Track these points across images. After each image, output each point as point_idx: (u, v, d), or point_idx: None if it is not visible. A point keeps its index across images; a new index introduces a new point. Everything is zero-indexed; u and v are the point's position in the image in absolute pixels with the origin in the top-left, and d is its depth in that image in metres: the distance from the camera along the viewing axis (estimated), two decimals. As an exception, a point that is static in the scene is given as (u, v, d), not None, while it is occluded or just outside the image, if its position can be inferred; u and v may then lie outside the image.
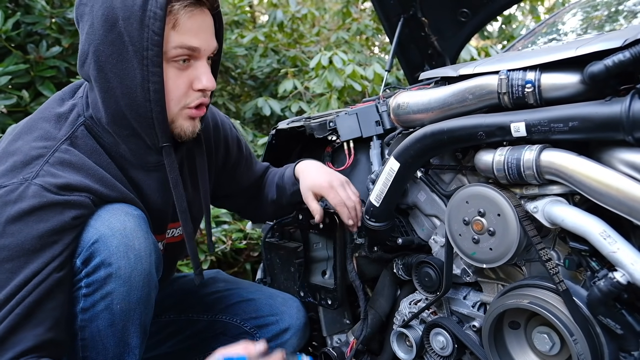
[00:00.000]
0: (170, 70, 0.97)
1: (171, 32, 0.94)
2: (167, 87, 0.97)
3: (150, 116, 0.97)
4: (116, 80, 0.95)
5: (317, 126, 1.51)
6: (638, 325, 0.80)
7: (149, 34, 0.91)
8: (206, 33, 1.00)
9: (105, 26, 0.93)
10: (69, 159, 0.96)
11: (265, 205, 1.44)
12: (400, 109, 1.13)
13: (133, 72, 0.93)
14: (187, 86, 1.00)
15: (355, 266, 1.30)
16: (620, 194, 0.76)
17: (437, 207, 1.18)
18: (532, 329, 0.96)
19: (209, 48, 1.01)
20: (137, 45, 0.92)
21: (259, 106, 3.94)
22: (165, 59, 0.95)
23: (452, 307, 1.15)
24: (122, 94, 0.95)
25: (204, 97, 1.03)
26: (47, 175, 0.91)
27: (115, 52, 0.93)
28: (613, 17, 2.12)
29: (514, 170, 0.88)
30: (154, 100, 0.95)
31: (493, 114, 0.91)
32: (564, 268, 0.92)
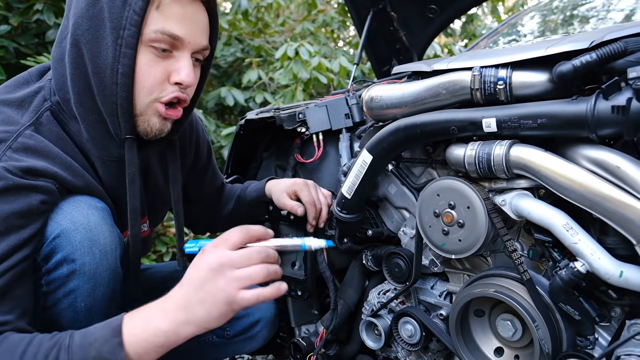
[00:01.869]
0: (145, 55, 0.90)
1: (154, 12, 0.88)
2: (139, 73, 0.90)
3: (115, 101, 0.90)
4: (88, 56, 0.89)
5: (287, 117, 1.51)
6: (594, 311, 0.85)
7: (129, 12, 0.86)
8: (194, 25, 0.93)
9: (88, 2, 0.88)
10: (33, 144, 0.89)
11: (221, 217, 1.44)
12: (374, 102, 1.14)
13: (106, 50, 0.88)
14: (162, 77, 0.92)
15: (325, 257, 1.31)
16: (583, 189, 0.80)
17: (407, 200, 1.20)
18: (495, 317, 1.01)
19: (194, 42, 0.93)
20: (115, 23, 0.87)
21: (222, 96, 3.87)
22: (143, 42, 0.89)
23: (420, 297, 1.19)
24: (92, 72, 0.89)
25: (180, 92, 0.95)
26: (11, 160, 0.86)
27: (93, 27, 0.88)
28: (568, 21, 2.23)
29: (484, 165, 0.91)
30: (121, 84, 0.89)
31: (465, 110, 0.94)
32: (527, 258, 0.97)
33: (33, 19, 2.90)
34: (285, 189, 1.28)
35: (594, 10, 2.14)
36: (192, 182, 1.35)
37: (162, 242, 3.23)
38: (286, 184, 1.30)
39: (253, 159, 1.79)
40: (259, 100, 3.88)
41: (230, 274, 0.80)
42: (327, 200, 1.28)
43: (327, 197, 1.29)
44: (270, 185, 1.35)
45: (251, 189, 1.40)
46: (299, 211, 1.25)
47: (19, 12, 2.87)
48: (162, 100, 0.95)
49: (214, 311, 0.81)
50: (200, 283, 0.81)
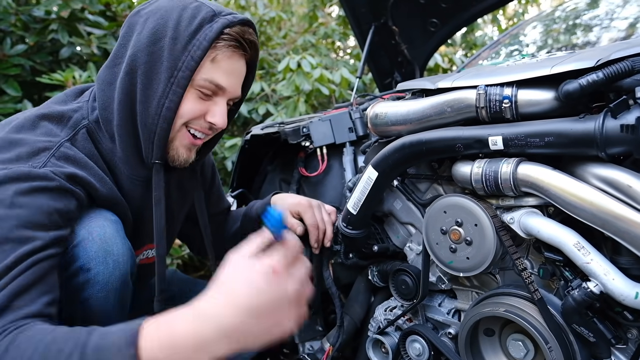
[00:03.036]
0: (191, 95, 1.00)
1: (208, 64, 0.99)
2: (182, 108, 1.00)
3: (154, 130, 1.00)
4: (140, 87, 0.98)
5: (291, 132, 1.51)
6: (609, 333, 0.84)
7: (187, 58, 0.97)
8: (236, 78, 1.06)
9: (151, 38, 0.98)
10: (72, 155, 0.97)
11: (226, 240, 1.43)
12: (378, 119, 1.14)
13: (157, 85, 0.98)
14: (201, 113, 1.03)
15: (331, 273, 1.30)
16: (594, 207, 0.79)
17: (412, 215, 1.20)
18: (506, 336, 0.99)
19: (233, 92, 1.06)
20: (172, 64, 0.97)
21: (225, 108, 3.89)
22: (192, 85, 0.99)
23: (428, 314, 1.17)
24: (140, 100, 0.99)
25: (209, 130, 1.07)
26: (55, 166, 0.93)
27: (150, 62, 0.98)
28: (571, 31, 2.23)
29: (491, 182, 0.91)
30: (163, 116, 0.98)
31: (471, 127, 0.94)
32: (538, 277, 0.95)
33: (48, 38, 3.00)
34: (288, 207, 1.29)
35: (597, 19, 2.15)
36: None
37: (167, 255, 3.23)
38: (291, 202, 1.30)
39: (258, 173, 1.79)
40: (262, 111, 3.89)
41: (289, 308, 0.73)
42: (331, 218, 1.28)
43: (332, 214, 1.29)
44: (275, 199, 1.36)
45: (257, 205, 1.40)
46: (298, 230, 1.25)
47: (35, 32, 2.95)
48: (192, 126, 1.05)
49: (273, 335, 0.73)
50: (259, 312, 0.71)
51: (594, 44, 1.91)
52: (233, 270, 0.73)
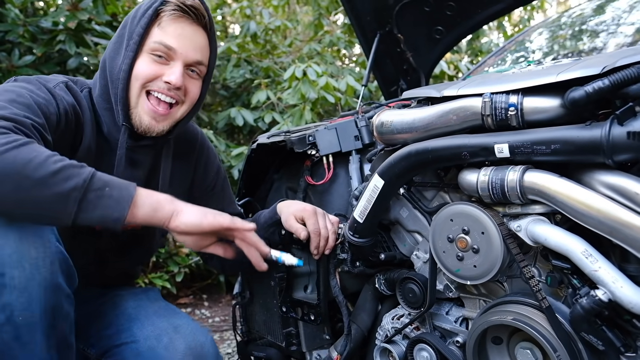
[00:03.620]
0: (145, 57, 1.15)
1: (156, 29, 1.15)
2: (137, 69, 1.15)
3: (116, 93, 1.15)
4: (108, 61, 1.18)
5: (297, 140, 1.52)
6: (618, 341, 0.83)
7: (136, 27, 1.14)
8: (186, 40, 1.17)
9: (122, 26, 1.19)
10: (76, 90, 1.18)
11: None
12: (384, 127, 1.14)
13: (119, 56, 1.16)
14: (155, 73, 1.15)
15: (338, 281, 1.30)
16: (601, 215, 0.79)
17: (419, 224, 1.19)
18: (514, 345, 0.99)
19: (185, 53, 1.17)
20: (127, 36, 1.15)
21: (232, 116, 3.91)
22: (145, 50, 1.15)
23: (435, 323, 1.17)
24: (109, 71, 1.17)
25: (169, 91, 1.17)
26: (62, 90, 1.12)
27: (116, 42, 1.18)
28: (577, 36, 2.23)
29: (498, 190, 0.91)
30: (121, 79, 1.14)
31: (477, 135, 0.94)
32: (545, 285, 0.95)
33: (56, 49, 3.06)
34: (293, 212, 1.30)
35: (603, 24, 2.14)
36: (202, 196, 1.40)
37: (175, 263, 3.24)
38: (296, 208, 1.31)
39: (264, 181, 1.79)
40: (268, 120, 3.91)
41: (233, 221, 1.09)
42: (334, 227, 1.29)
43: (335, 224, 1.29)
44: (281, 206, 1.37)
45: (264, 213, 1.41)
46: (302, 235, 1.25)
47: (43, 43, 3.00)
48: (150, 91, 1.16)
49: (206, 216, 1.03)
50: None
51: (600, 49, 1.91)
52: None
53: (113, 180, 0.94)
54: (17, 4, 2.98)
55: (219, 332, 2.86)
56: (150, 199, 0.98)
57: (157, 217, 0.99)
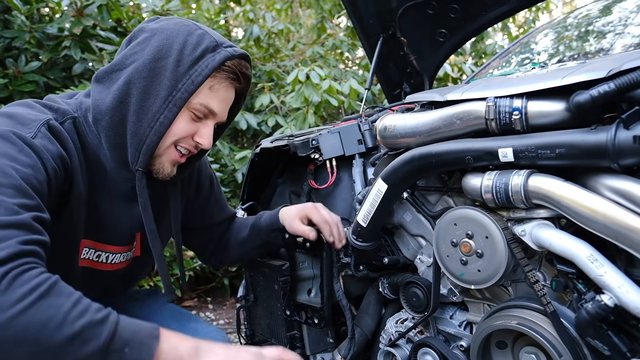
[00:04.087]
0: (185, 116, 1.06)
1: (206, 90, 1.06)
2: (175, 126, 1.05)
3: (144, 140, 1.04)
4: (136, 98, 1.03)
5: (300, 144, 1.52)
6: (624, 346, 0.82)
7: (187, 81, 1.03)
8: (227, 105, 1.13)
9: (155, 56, 1.03)
10: (60, 131, 1.00)
11: (232, 247, 1.45)
12: (387, 132, 1.14)
13: (154, 100, 1.03)
14: (190, 134, 1.09)
15: (342, 285, 1.29)
16: (607, 219, 0.78)
17: (423, 228, 1.19)
18: (519, 349, 0.98)
19: (222, 117, 1.13)
20: (172, 83, 1.02)
21: (235, 120, 3.92)
22: (188, 107, 1.05)
23: (439, 327, 1.16)
24: (134, 110, 1.03)
25: (194, 149, 1.12)
26: (45, 137, 0.95)
27: (150, 77, 1.03)
28: (583, 38, 2.21)
29: (502, 195, 0.90)
30: (156, 130, 1.03)
31: (481, 139, 0.94)
32: (551, 289, 0.94)
33: (61, 55, 3.07)
34: (296, 215, 1.30)
35: (610, 25, 2.12)
36: (195, 213, 1.39)
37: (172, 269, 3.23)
38: (296, 210, 1.32)
39: (268, 185, 1.80)
40: (271, 123, 3.92)
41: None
42: (338, 217, 1.30)
43: (335, 217, 1.31)
44: (283, 212, 1.37)
45: (265, 216, 1.41)
46: (312, 235, 1.26)
47: (49, 49, 3.02)
48: (180, 144, 1.10)
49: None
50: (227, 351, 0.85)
51: (607, 51, 1.89)
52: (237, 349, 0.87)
53: (135, 338, 0.81)
54: (23, 11, 3.00)
55: (223, 335, 2.86)
56: (169, 354, 0.82)
57: None
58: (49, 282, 0.77)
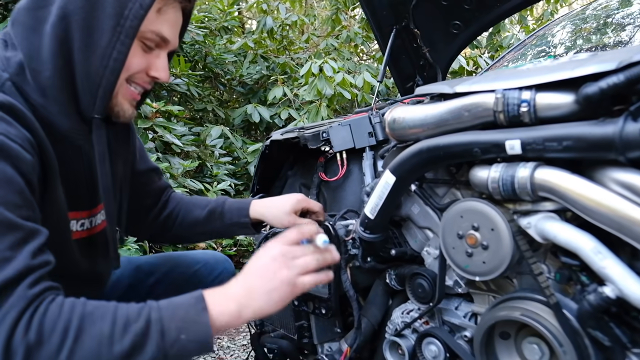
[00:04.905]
0: (136, 47, 0.95)
1: (154, 14, 0.94)
2: (128, 62, 0.94)
3: (99, 82, 0.92)
4: (78, 34, 0.88)
5: (311, 137, 1.53)
6: (625, 337, 0.83)
7: (135, 6, 0.89)
8: (177, 29, 1.03)
9: None
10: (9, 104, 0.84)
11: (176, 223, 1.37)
12: (396, 124, 1.15)
13: (101, 33, 0.89)
14: (144, 68, 0.99)
15: (349, 276, 1.31)
16: (612, 212, 0.78)
17: (430, 220, 1.20)
18: (522, 340, 0.99)
19: (174, 44, 1.03)
20: (117, 10, 0.88)
21: (248, 113, 3.95)
22: (138, 36, 0.94)
23: (444, 317, 1.17)
24: (78, 49, 0.89)
25: (149, 84, 1.03)
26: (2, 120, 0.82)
27: (88, 5, 0.88)
28: (602, 30, 2.17)
29: (508, 187, 0.91)
30: (111, 68, 0.91)
31: (489, 131, 0.94)
32: (555, 281, 0.95)
33: None
34: (291, 209, 1.28)
35: (629, 17, 2.08)
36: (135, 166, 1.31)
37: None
38: (288, 205, 1.29)
39: (278, 177, 1.81)
40: (284, 116, 3.94)
41: (290, 262, 0.89)
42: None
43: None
44: (259, 207, 1.33)
45: (230, 206, 1.35)
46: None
47: None
48: (135, 81, 1.00)
49: (275, 295, 0.86)
50: (263, 271, 0.88)
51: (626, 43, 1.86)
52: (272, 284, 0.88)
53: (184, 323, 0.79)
54: None
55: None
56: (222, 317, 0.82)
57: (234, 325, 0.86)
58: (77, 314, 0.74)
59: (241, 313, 0.84)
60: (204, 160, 3.38)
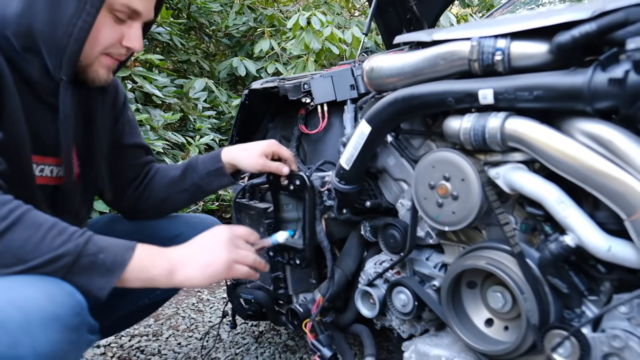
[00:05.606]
0: (106, 19, 0.98)
1: None
2: (98, 34, 0.97)
3: (64, 50, 0.95)
4: (44, 2, 0.93)
5: (292, 88, 1.50)
6: (583, 285, 0.85)
7: None
8: (150, 2, 1.05)
9: None
10: None
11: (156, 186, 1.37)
12: (374, 73, 1.13)
13: (67, 2, 0.93)
14: (117, 39, 1.02)
15: (324, 227, 1.32)
16: (576, 162, 0.79)
17: (405, 172, 1.20)
18: (487, 289, 1.01)
19: (147, 16, 1.05)
20: None
21: (234, 66, 3.85)
22: (107, 7, 0.96)
23: (415, 268, 1.20)
24: (45, 16, 0.93)
25: (125, 55, 1.07)
26: None
27: None
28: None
29: (479, 137, 0.91)
30: (75, 38, 0.95)
31: (463, 81, 0.93)
32: (521, 232, 0.96)
33: None
34: (262, 152, 1.29)
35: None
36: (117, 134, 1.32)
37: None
38: (259, 148, 1.30)
39: (258, 129, 1.79)
40: (271, 70, 3.85)
41: (233, 248, 0.98)
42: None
43: None
44: (230, 152, 1.33)
45: (202, 157, 1.36)
46: (285, 170, 1.27)
47: None
48: (108, 54, 1.03)
49: (209, 270, 0.94)
50: (207, 246, 0.96)
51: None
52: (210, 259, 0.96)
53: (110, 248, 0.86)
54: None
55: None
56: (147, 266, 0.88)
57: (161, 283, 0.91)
58: (21, 209, 0.81)
59: (172, 274, 0.90)
60: (187, 114, 3.33)
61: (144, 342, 1.80)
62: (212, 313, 2.10)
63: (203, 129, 3.30)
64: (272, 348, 1.73)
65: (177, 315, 2.07)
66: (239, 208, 1.58)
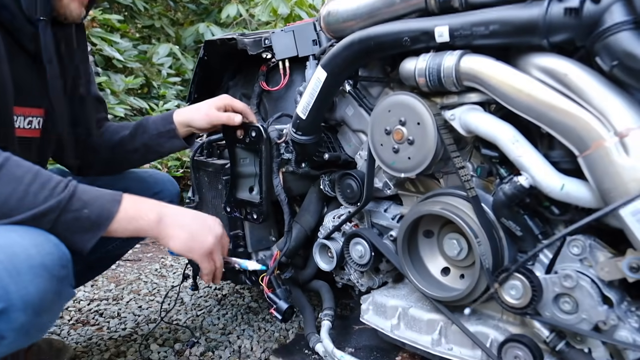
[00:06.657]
0: None
1: None
2: None
3: None
4: None
5: (251, 42, 1.44)
6: (537, 228, 0.84)
7: None
8: None
9: None
10: None
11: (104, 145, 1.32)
12: (330, 16, 1.08)
13: None
14: None
15: (281, 181, 1.28)
16: (529, 99, 0.77)
17: (364, 122, 1.17)
18: (443, 237, 1.00)
19: None
20: None
21: (201, 32, 3.71)
22: None
23: (373, 220, 1.18)
24: None
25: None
26: None
27: None
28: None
29: (434, 77, 0.87)
30: None
31: (418, 19, 0.89)
32: (477, 178, 0.95)
33: None
34: (213, 106, 1.24)
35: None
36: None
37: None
38: (210, 103, 1.26)
39: (219, 88, 1.73)
40: (238, 37, 3.74)
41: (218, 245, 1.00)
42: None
43: None
44: (183, 113, 1.28)
45: (156, 119, 1.31)
46: (237, 119, 1.21)
47: None
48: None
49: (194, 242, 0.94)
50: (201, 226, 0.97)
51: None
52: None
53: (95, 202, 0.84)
54: None
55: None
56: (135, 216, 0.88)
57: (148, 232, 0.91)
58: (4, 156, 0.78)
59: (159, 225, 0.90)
60: (150, 79, 3.20)
61: (103, 306, 1.75)
62: (175, 278, 2.05)
63: (167, 95, 3.19)
64: (234, 310, 1.70)
65: (139, 280, 2.02)
66: (196, 166, 1.52)
